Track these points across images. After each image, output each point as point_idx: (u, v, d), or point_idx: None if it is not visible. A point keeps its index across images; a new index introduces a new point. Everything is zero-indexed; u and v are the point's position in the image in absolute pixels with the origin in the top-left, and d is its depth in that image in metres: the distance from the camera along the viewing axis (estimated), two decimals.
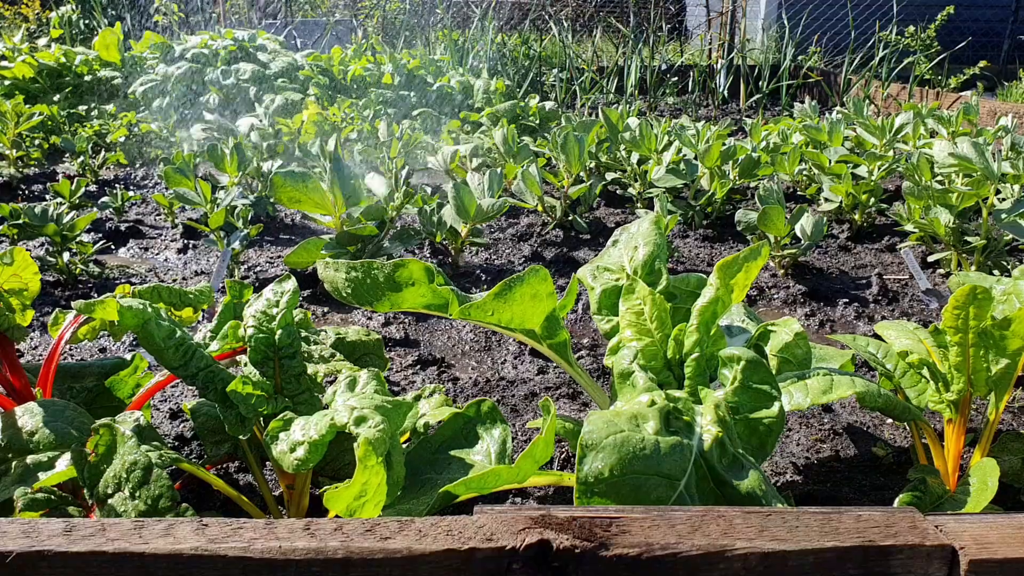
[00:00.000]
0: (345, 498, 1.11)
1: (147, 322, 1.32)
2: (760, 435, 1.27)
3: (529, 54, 7.80)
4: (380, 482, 1.09)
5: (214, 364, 1.37)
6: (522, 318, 1.46)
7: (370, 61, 6.30)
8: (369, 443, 1.07)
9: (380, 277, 1.42)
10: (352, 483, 1.08)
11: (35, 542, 0.91)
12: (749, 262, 1.46)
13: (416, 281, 1.41)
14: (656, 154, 3.98)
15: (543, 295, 1.43)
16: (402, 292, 1.43)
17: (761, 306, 2.96)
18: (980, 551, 0.94)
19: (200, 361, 1.36)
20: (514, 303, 1.40)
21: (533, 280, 1.41)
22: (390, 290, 1.42)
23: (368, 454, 1.07)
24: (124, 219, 3.80)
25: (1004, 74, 9.21)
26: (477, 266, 3.29)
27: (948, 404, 1.54)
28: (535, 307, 1.44)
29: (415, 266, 1.42)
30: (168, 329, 1.34)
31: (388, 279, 1.42)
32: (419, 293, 1.43)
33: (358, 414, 1.10)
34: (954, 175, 3.17)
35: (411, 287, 1.42)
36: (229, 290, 1.60)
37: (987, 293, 1.40)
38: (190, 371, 1.34)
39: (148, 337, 1.33)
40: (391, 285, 1.42)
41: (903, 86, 7.16)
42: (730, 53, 8.16)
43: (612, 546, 0.93)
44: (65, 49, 6.08)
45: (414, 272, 1.41)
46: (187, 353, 1.36)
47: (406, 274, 1.41)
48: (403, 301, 1.44)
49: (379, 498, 1.11)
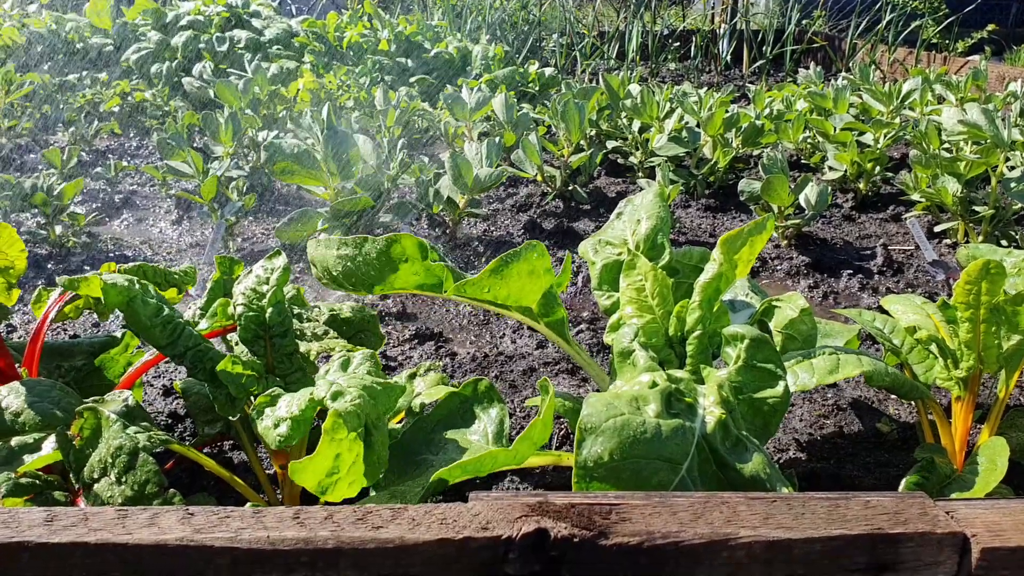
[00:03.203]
0: (314, 472, 1.08)
1: (132, 299, 1.28)
2: (764, 415, 1.23)
3: (529, 19, 7.66)
4: (355, 459, 1.05)
5: (203, 343, 1.34)
6: (519, 295, 1.42)
7: (366, 27, 6.18)
8: (339, 415, 1.04)
9: (373, 253, 1.37)
10: (317, 455, 1.04)
11: (15, 533, 0.88)
12: (753, 236, 1.42)
13: (410, 257, 1.37)
14: (658, 122, 3.91)
15: (540, 271, 1.39)
16: (397, 271, 1.38)
17: (764, 278, 2.92)
18: (993, 539, 0.91)
19: (188, 340, 1.32)
20: (511, 280, 1.36)
21: (530, 256, 1.36)
22: (384, 268, 1.38)
23: (337, 426, 1.04)
24: (118, 190, 3.75)
25: (1012, 37, 9.05)
26: (475, 237, 3.24)
27: (957, 381, 1.51)
28: (532, 284, 1.40)
29: (408, 241, 1.38)
30: (155, 307, 1.30)
31: (381, 255, 1.37)
32: (412, 271, 1.38)
33: (336, 388, 1.07)
34: (963, 143, 3.11)
35: (404, 263, 1.37)
36: (219, 265, 1.56)
37: (1000, 268, 1.36)
38: (178, 350, 1.31)
39: (134, 315, 1.29)
40: (385, 262, 1.37)
41: (910, 51, 7.04)
42: (733, 17, 8.01)
43: (612, 535, 0.90)
44: (56, 16, 5.97)
45: (407, 248, 1.36)
46: (175, 331, 1.32)
47: (399, 250, 1.36)
48: (396, 279, 1.40)
49: (354, 476, 1.07)
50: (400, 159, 3.01)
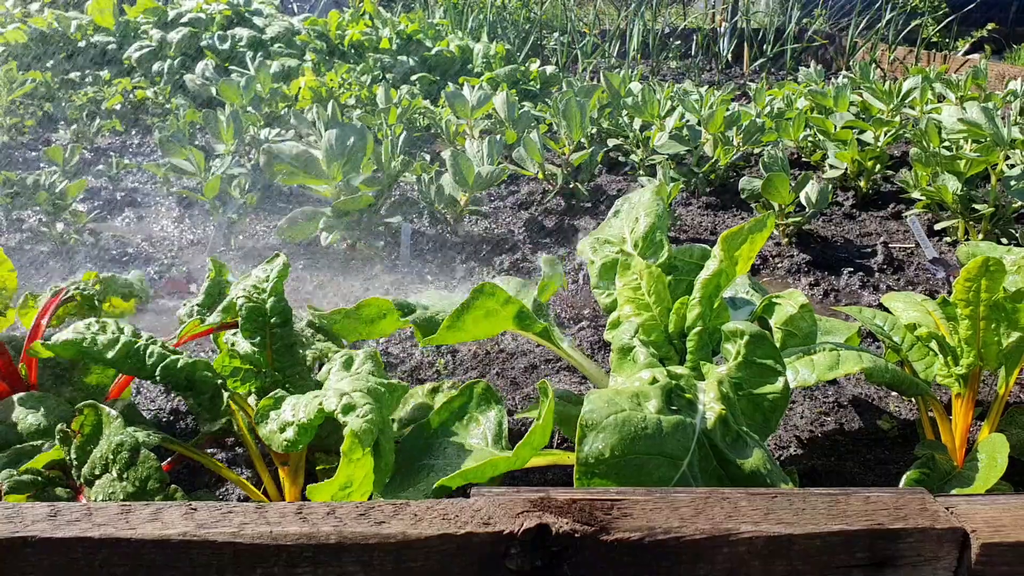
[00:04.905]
0: (330, 491, 1.08)
1: (81, 347, 1.30)
2: (764, 412, 1.24)
3: (530, 17, 7.66)
4: (366, 474, 1.06)
5: (169, 356, 1.34)
6: (484, 332, 1.50)
7: (368, 25, 6.18)
8: (355, 436, 1.04)
9: (355, 318, 1.56)
10: (336, 478, 1.05)
11: (19, 527, 0.88)
12: (754, 233, 1.42)
13: (386, 312, 1.56)
14: (659, 120, 3.91)
15: (497, 307, 1.43)
16: (377, 324, 1.60)
17: (765, 275, 2.92)
18: (992, 534, 0.91)
19: (152, 357, 1.32)
20: (467, 328, 1.43)
21: (481, 301, 1.40)
22: (367, 324, 1.59)
23: (354, 447, 1.04)
24: (119, 188, 3.75)
25: (1012, 36, 9.04)
26: (477, 235, 3.25)
27: (957, 378, 1.51)
28: (491, 323, 1.47)
29: (380, 302, 1.56)
30: (109, 340, 1.31)
31: (360, 317, 1.57)
32: (393, 320, 1.59)
33: (347, 401, 1.07)
34: (963, 141, 3.11)
35: (383, 318, 1.58)
36: (212, 265, 1.56)
37: (1000, 265, 1.36)
38: (147, 371, 1.32)
39: (92, 358, 1.32)
40: (366, 321, 1.58)
41: (910, 49, 7.03)
42: (734, 16, 8.01)
43: (613, 530, 0.90)
44: (58, 14, 5.96)
45: (381, 306, 1.56)
46: (138, 355, 1.33)
47: (374, 311, 1.56)
48: (383, 329, 1.62)
49: (365, 488, 1.08)
50: (402, 158, 3.01)
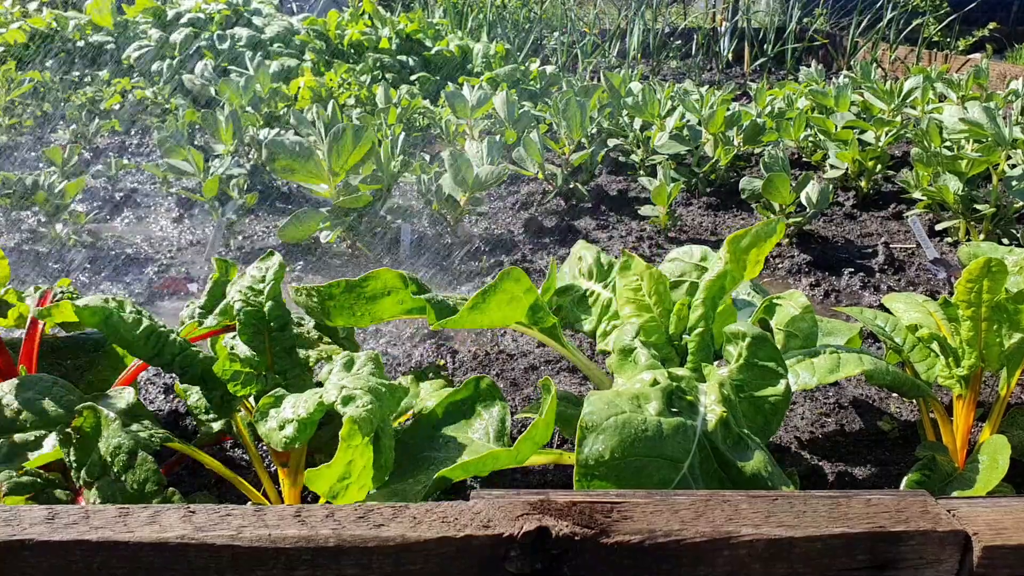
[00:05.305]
0: (327, 478, 1.08)
1: (109, 317, 1.28)
2: (765, 414, 1.23)
3: (530, 16, 7.65)
4: (366, 464, 1.06)
5: (189, 348, 1.34)
6: (502, 319, 1.45)
7: (367, 25, 6.17)
8: (354, 422, 1.04)
9: (356, 293, 1.42)
10: (334, 463, 1.05)
11: (16, 530, 0.88)
12: (762, 238, 1.41)
13: (392, 289, 1.41)
14: (659, 120, 3.90)
15: (520, 295, 1.41)
16: (379, 302, 1.43)
17: (765, 276, 2.92)
18: (994, 537, 0.91)
19: (174, 347, 1.32)
20: (491, 311, 1.39)
21: (508, 285, 1.37)
22: (368, 303, 1.43)
23: (352, 433, 1.04)
24: (118, 188, 3.74)
25: (1014, 36, 9.03)
26: (477, 236, 3.24)
27: (958, 379, 1.51)
28: (512, 309, 1.43)
29: (388, 275, 1.42)
30: (134, 319, 1.30)
31: (363, 293, 1.42)
32: (397, 300, 1.43)
33: (347, 393, 1.07)
34: (964, 141, 3.10)
35: (387, 296, 1.42)
36: (217, 266, 1.56)
37: (1002, 266, 1.35)
38: (165, 359, 1.31)
39: (114, 332, 1.29)
40: (367, 298, 1.43)
41: (911, 49, 7.02)
42: (735, 15, 8.00)
43: (613, 533, 0.89)
44: (57, 14, 5.96)
45: (388, 281, 1.41)
46: (159, 341, 1.32)
47: (379, 285, 1.41)
48: (383, 311, 1.44)
49: (364, 480, 1.08)
50: (401, 158, 3.00)
